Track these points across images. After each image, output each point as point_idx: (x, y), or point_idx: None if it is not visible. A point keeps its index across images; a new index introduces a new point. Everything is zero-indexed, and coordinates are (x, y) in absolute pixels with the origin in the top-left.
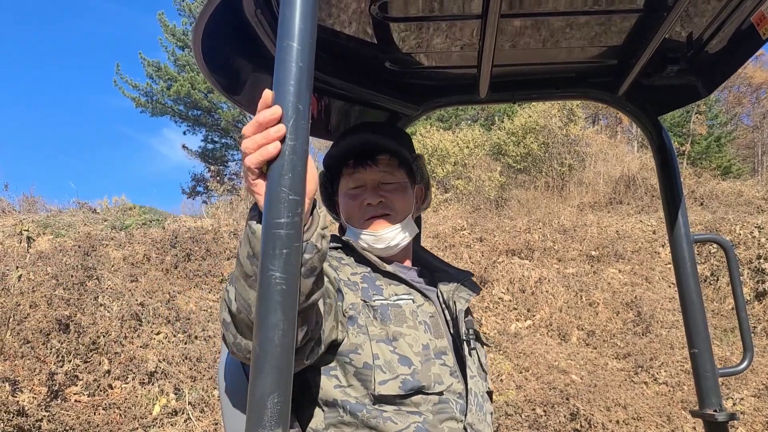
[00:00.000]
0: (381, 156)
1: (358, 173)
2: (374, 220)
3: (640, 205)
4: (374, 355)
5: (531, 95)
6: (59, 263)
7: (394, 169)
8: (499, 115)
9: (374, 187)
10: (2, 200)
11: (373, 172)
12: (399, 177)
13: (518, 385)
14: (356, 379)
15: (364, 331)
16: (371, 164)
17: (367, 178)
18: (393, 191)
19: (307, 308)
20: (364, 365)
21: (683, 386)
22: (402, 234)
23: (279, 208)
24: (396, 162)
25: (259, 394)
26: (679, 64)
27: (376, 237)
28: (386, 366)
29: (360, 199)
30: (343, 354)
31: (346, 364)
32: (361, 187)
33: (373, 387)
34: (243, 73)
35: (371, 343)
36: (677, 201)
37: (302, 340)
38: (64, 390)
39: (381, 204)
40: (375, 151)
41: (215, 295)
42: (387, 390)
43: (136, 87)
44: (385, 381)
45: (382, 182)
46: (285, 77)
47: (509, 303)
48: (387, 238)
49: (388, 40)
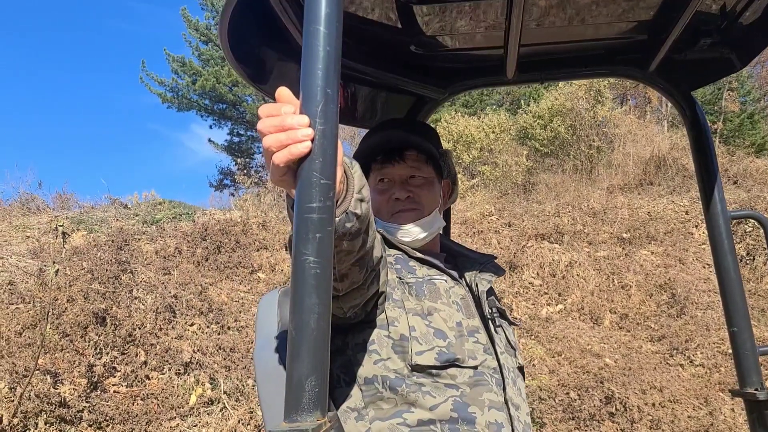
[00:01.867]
0: (409, 152)
1: (386, 169)
2: (401, 214)
3: (671, 185)
4: (411, 327)
5: (559, 74)
6: (94, 258)
7: (421, 165)
8: (524, 99)
9: (402, 183)
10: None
11: (401, 168)
12: (426, 172)
13: (551, 370)
14: (394, 352)
15: (400, 305)
16: (399, 160)
17: (395, 173)
18: (420, 186)
19: (363, 256)
20: (401, 337)
21: (720, 368)
22: (429, 228)
23: (311, 193)
24: (424, 158)
25: (297, 378)
26: (712, 37)
27: (403, 231)
28: (422, 338)
29: (388, 194)
30: (381, 327)
31: (384, 338)
32: (389, 182)
33: (410, 357)
34: (269, 62)
35: (407, 316)
36: (712, 177)
37: (363, 277)
38: (103, 381)
39: (409, 199)
40: (403, 147)
41: (246, 286)
42: (423, 360)
43: (161, 83)
44: (421, 352)
45: (410, 177)
46: (313, 62)
47: (540, 288)
48: (413, 232)
49: (412, 24)
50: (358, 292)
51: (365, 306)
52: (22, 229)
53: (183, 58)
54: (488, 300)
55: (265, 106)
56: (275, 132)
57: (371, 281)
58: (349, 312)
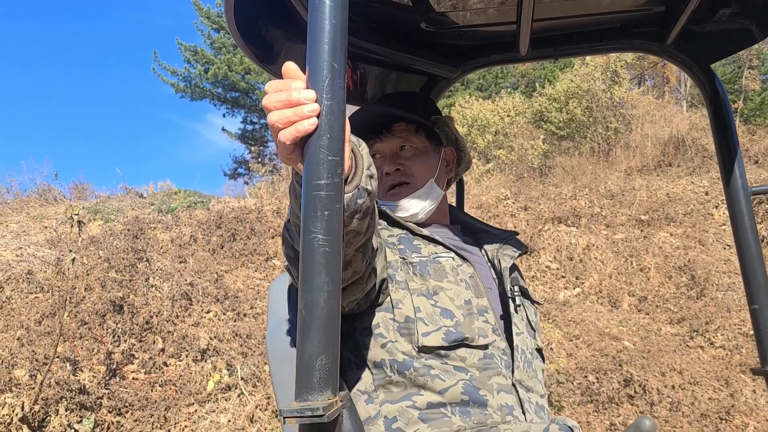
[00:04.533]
0: (396, 124)
1: (376, 144)
2: (394, 190)
3: (690, 166)
4: (416, 308)
5: (573, 50)
6: (110, 247)
7: (410, 135)
8: (540, 82)
9: (391, 156)
10: (53, 189)
11: (390, 141)
12: (417, 142)
13: (569, 353)
14: (400, 334)
15: (404, 287)
16: (387, 134)
17: (384, 148)
18: (411, 158)
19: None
20: (406, 319)
21: (741, 349)
22: (423, 201)
23: (318, 170)
24: (413, 128)
25: (307, 356)
26: (731, 7)
27: (399, 207)
28: (428, 318)
29: (380, 171)
30: (386, 310)
31: (390, 320)
32: (380, 157)
33: (417, 339)
34: (277, 42)
35: (412, 297)
36: (733, 153)
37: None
38: (122, 368)
39: (398, 172)
40: (389, 120)
41: (261, 273)
42: (430, 341)
43: (174, 73)
44: (428, 333)
45: (400, 149)
46: (319, 36)
47: (557, 271)
48: (407, 206)
49: (422, 1)
50: (357, 286)
51: (363, 301)
52: (40, 220)
53: (195, 47)
54: (511, 277)
55: (272, 81)
56: (281, 107)
57: (369, 274)
58: (348, 308)
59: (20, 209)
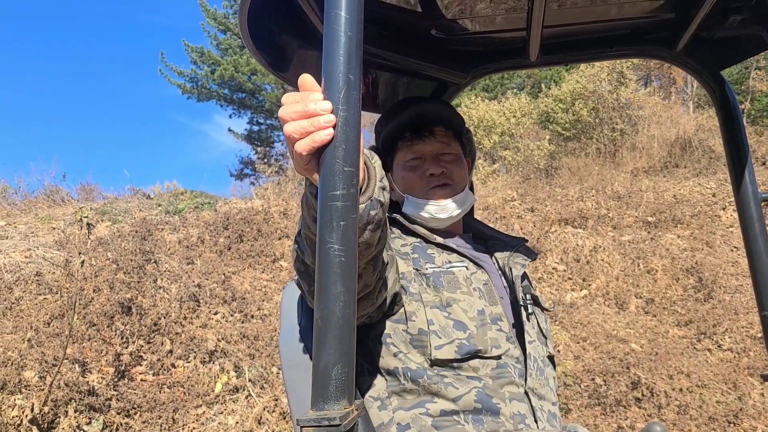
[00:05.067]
0: (437, 127)
1: (417, 145)
2: (437, 189)
3: (697, 167)
4: (429, 321)
5: (583, 56)
6: (118, 248)
7: (450, 140)
8: (546, 82)
9: (434, 158)
10: (61, 190)
11: (432, 143)
12: (455, 149)
13: (576, 356)
14: (412, 347)
15: (417, 299)
16: (429, 135)
17: (425, 149)
18: (452, 162)
19: (378, 254)
20: (419, 331)
21: (749, 352)
22: (462, 204)
23: (334, 181)
24: (452, 134)
25: (323, 366)
26: (742, 14)
27: (439, 207)
28: (441, 331)
29: (421, 171)
30: (399, 322)
31: (402, 332)
32: (419, 158)
33: (430, 352)
34: (290, 49)
35: (425, 309)
36: (743, 157)
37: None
38: (130, 370)
39: (443, 174)
40: (432, 122)
41: (268, 275)
42: (443, 354)
43: (181, 74)
44: (441, 346)
45: (441, 153)
46: (334, 48)
47: (563, 273)
48: (450, 207)
49: (433, 7)
50: (368, 300)
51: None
52: (48, 221)
53: (201, 48)
54: (522, 285)
55: (289, 94)
56: (297, 118)
57: (380, 288)
58: (359, 321)
59: (28, 210)
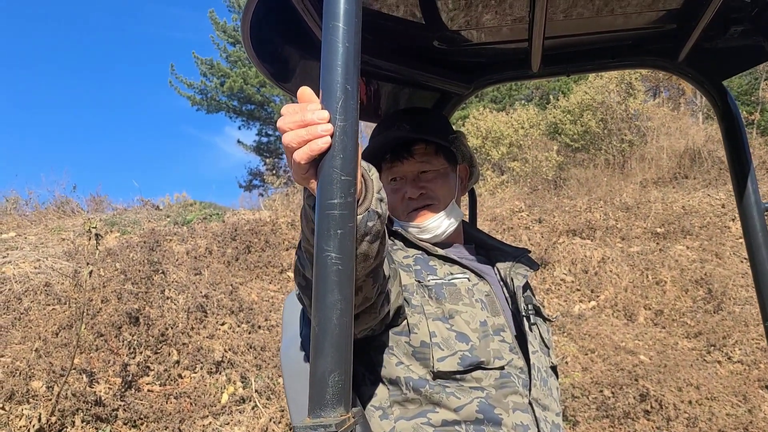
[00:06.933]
0: (416, 146)
1: (395, 167)
2: (417, 212)
3: (707, 179)
4: (431, 333)
5: (585, 67)
6: (126, 259)
7: (431, 158)
8: (554, 94)
9: (413, 180)
10: (71, 201)
11: (411, 164)
12: (437, 164)
13: (584, 367)
14: (415, 359)
15: (420, 311)
16: (407, 156)
17: (405, 170)
18: (433, 180)
19: (377, 266)
20: (421, 344)
21: (759, 364)
22: (447, 221)
23: (332, 190)
24: (432, 149)
25: (320, 373)
26: (743, 25)
27: (420, 228)
28: (444, 343)
29: (401, 193)
30: (401, 334)
31: (404, 344)
32: (401, 179)
33: (432, 364)
34: (292, 60)
35: (427, 322)
36: (746, 168)
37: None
38: (137, 380)
39: (422, 196)
40: (410, 142)
41: (276, 286)
42: (446, 366)
43: (191, 86)
44: (443, 358)
45: (421, 172)
46: (332, 58)
47: (572, 284)
48: (432, 227)
49: (435, 18)
50: (369, 314)
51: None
52: (58, 232)
53: (211, 60)
54: (524, 296)
55: (287, 105)
56: (295, 128)
57: (382, 302)
58: (361, 335)
59: (38, 221)
